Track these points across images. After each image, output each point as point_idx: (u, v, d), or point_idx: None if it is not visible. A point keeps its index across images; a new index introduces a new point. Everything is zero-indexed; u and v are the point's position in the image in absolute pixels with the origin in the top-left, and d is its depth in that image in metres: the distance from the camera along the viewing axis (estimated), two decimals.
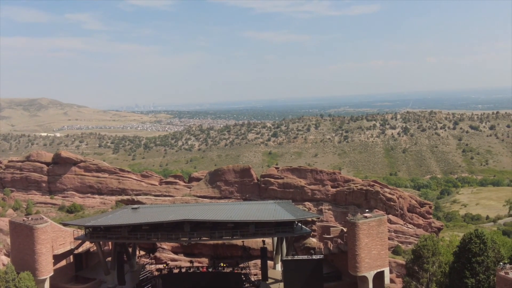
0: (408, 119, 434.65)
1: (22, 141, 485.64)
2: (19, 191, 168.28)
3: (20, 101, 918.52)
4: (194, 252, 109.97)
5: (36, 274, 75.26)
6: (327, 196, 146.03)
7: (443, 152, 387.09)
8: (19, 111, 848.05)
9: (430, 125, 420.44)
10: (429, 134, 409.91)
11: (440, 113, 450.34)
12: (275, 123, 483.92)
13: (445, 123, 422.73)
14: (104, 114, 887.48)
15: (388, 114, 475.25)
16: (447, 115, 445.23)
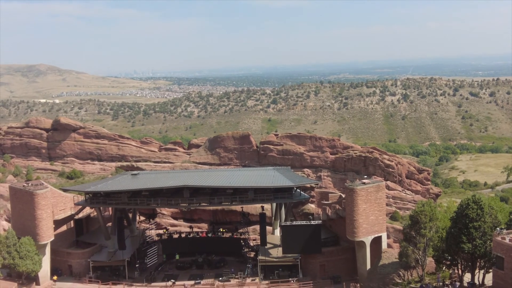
0: (408, 86, 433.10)
1: (21, 107, 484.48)
2: (19, 157, 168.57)
3: (18, 67, 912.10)
4: (193, 218, 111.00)
5: (37, 239, 76.05)
6: (326, 163, 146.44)
7: (442, 119, 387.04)
8: (18, 77, 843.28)
9: (430, 92, 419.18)
10: (429, 101, 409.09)
11: (440, 80, 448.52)
12: (274, 90, 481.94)
13: (445, 90, 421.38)
14: (103, 81, 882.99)
15: (388, 80, 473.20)
16: (447, 82, 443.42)
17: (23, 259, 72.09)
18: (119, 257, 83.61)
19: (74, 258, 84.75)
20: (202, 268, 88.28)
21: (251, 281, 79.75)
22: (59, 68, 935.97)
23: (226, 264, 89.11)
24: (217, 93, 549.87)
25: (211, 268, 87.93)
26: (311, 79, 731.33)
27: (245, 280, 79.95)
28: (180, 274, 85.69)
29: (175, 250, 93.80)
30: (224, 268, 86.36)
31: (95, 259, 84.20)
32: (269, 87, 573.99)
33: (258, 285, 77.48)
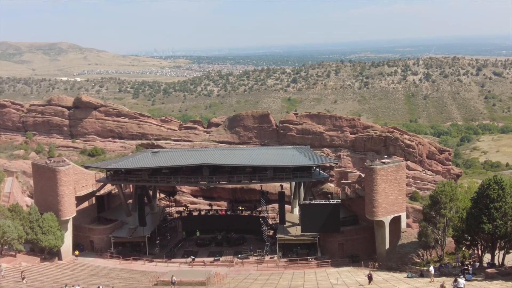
0: (431, 65, 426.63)
1: (43, 85, 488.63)
2: (41, 135, 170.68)
3: (40, 45, 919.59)
4: (213, 196, 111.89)
5: (59, 215, 77.32)
6: (345, 142, 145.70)
7: (464, 99, 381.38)
8: (40, 55, 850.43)
9: (452, 71, 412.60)
10: (451, 81, 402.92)
11: (463, 59, 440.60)
12: (294, 69, 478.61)
13: (468, 69, 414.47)
14: (124, 59, 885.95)
15: (410, 59, 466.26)
16: (470, 61, 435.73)
17: (46, 235, 73.33)
18: (140, 234, 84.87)
19: (96, 234, 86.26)
20: (221, 245, 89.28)
21: (269, 259, 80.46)
22: (80, 46, 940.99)
23: (245, 241, 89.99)
24: (236, 72, 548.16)
25: (230, 245, 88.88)
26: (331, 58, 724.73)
27: (263, 257, 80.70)
28: (199, 251, 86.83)
29: (194, 228, 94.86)
30: (243, 246, 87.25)
31: (116, 235, 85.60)
32: (289, 66, 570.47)
33: (277, 263, 78.10)
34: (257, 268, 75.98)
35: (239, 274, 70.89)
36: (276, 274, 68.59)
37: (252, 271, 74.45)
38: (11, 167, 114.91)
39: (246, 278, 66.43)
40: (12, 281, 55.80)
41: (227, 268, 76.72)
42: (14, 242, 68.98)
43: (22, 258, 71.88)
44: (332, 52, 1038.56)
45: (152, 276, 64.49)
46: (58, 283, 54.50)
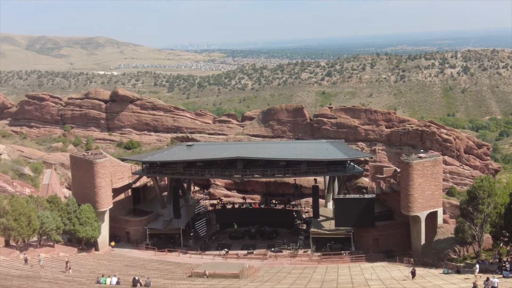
0: (469, 58, 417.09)
1: (80, 79, 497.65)
2: (79, 128, 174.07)
3: (78, 39, 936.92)
4: (246, 189, 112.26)
5: (96, 206, 78.66)
6: (381, 137, 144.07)
7: (504, 92, 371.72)
8: (77, 50, 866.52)
9: (491, 64, 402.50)
10: (490, 74, 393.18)
11: (502, 52, 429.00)
12: (329, 62, 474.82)
13: (507, 62, 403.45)
14: (159, 53, 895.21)
15: (448, 52, 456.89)
16: (510, 54, 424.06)
17: (83, 226, 74.79)
18: (175, 226, 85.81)
19: (132, 226, 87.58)
20: (255, 238, 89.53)
21: (303, 253, 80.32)
22: (117, 40, 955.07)
23: (278, 235, 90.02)
24: (271, 65, 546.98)
25: (264, 239, 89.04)
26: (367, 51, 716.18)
27: (297, 251, 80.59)
28: (233, 243, 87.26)
29: (228, 220, 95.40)
30: (277, 239, 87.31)
31: (152, 227, 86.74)
32: (324, 60, 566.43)
33: (310, 257, 77.89)
34: (290, 262, 75.94)
35: (273, 268, 70.95)
36: (309, 268, 68.39)
37: (286, 264, 74.44)
38: (49, 159, 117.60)
39: (280, 271, 66.45)
40: (56, 270, 57.14)
41: (261, 261, 76.92)
42: (52, 232, 70.61)
43: (60, 248, 73.52)
44: (368, 45, 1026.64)
45: (187, 268, 65.13)
46: (95, 273, 55.55)
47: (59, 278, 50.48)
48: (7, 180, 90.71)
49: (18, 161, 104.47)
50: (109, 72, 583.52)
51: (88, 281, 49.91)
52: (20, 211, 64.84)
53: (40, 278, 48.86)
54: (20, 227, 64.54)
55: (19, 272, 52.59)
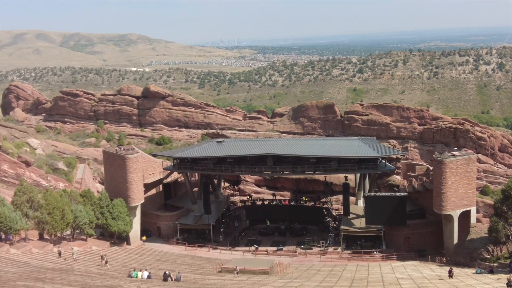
0: (504, 54, 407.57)
1: (113, 75, 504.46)
2: (112, 123, 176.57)
3: (111, 36, 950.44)
4: (276, 186, 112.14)
5: (128, 201, 79.55)
6: (413, 134, 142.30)
7: None
8: (110, 47, 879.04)
9: None
10: None
11: None
12: (361, 58, 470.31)
13: None
14: (190, 50, 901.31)
15: (482, 49, 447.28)
16: None
17: (115, 220, 75.77)
18: (205, 221, 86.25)
19: (163, 221, 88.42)
20: (285, 235, 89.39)
21: (333, 250, 79.82)
22: (149, 37, 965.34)
23: (308, 232, 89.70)
24: (301, 62, 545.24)
25: (293, 235, 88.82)
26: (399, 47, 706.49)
27: (327, 249, 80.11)
28: (262, 240, 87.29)
29: (258, 217, 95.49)
30: (306, 236, 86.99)
31: (182, 222, 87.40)
32: (355, 56, 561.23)
33: (340, 255, 77.40)
34: (320, 259, 75.62)
35: (302, 265, 70.76)
36: (339, 266, 67.99)
37: (315, 262, 74.15)
38: (83, 154, 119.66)
39: (309, 268, 66.24)
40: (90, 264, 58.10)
41: (290, 258, 76.79)
42: (85, 226, 71.77)
43: (93, 242, 74.68)
44: (400, 41, 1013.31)
45: (217, 263, 65.48)
46: (127, 267, 56.25)
47: (91, 272, 51.29)
48: (42, 175, 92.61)
49: (53, 156, 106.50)
50: (141, 68, 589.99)
51: (120, 275, 50.59)
52: (54, 205, 66.01)
53: (73, 271, 49.71)
54: (54, 221, 65.72)
55: (53, 265, 53.61)
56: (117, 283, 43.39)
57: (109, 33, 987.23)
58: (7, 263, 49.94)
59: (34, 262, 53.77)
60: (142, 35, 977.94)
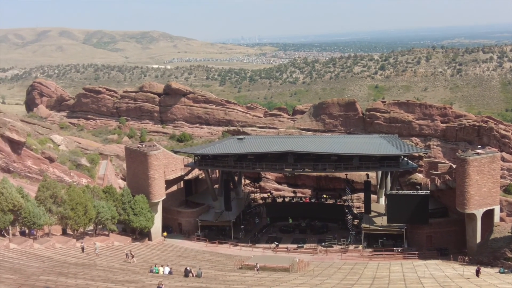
0: None
1: (135, 72, 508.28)
2: (133, 120, 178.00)
3: (133, 33, 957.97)
4: (297, 183, 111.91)
5: (150, 197, 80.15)
6: (436, 132, 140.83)
7: None
8: (132, 44, 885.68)
9: None
10: None
11: None
12: (382, 55, 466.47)
13: None
14: (211, 47, 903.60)
15: (507, 45, 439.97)
16: None
17: (137, 216, 76.45)
18: (226, 218, 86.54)
19: (184, 217, 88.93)
20: (305, 232, 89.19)
21: (354, 248, 79.44)
22: (170, 35, 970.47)
23: (329, 230, 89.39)
24: (323, 59, 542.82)
25: (314, 233, 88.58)
26: (422, 44, 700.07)
27: (348, 247, 79.75)
28: (283, 237, 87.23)
29: (278, 214, 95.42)
30: (327, 234, 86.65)
31: (203, 219, 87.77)
32: (377, 53, 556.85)
33: (361, 253, 77.01)
34: (341, 257, 75.31)
35: (323, 262, 70.55)
36: (360, 264, 67.64)
37: (336, 259, 73.87)
38: (105, 151, 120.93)
39: (330, 266, 66.02)
40: (111, 259, 58.74)
41: (311, 255, 76.60)
42: (107, 222, 72.55)
43: (115, 237, 75.46)
44: (423, 37, 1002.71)
45: (237, 260, 65.60)
46: (148, 263, 56.72)
47: (113, 267, 51.84)
48: (65, 171, 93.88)
49: (76, 152, 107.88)
50: (163, 65, 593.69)
51: (141, 270, 51.03)
52: (77, 200, 66.84)
53: (96, 266, 50.30)
54: (77, 216, 66.56)
55: (76, 260, 54.30)
56: (139, 279, 43.79)
57: (131, 31, 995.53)
58: (31, 258, 50.74)
59: (57, 257, 54.53)
60: (164, 32, 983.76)
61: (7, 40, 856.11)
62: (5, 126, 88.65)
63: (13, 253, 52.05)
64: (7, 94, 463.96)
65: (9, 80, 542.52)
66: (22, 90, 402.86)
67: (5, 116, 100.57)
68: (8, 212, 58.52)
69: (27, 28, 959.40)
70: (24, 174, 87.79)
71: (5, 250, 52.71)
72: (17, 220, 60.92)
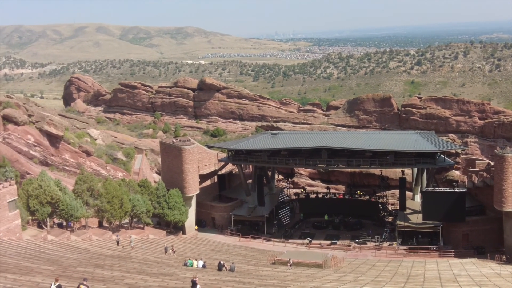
0: None
1: (170, 68, 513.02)
2: (168, 115, 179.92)
3: (168, 29, 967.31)
4: (331, 179, 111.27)
5: (184, 191, 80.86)
6: (473, 128, 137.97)
7: None
8: (167, 39, 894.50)
9: None
10: None
11: None
12: (419, 50, 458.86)
13: None
14: (245, 42, 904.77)
15: None
16: None
17: (171, 210, 77.27)
18: (259, 213, 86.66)
19: (217, 211, 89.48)
20: (338, 229, 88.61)
21: (388, 246, 78.58)
22: (205, 30, 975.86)
23: (362, 226, 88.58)
24: (357, 54, 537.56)
25: (347, 229, 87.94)
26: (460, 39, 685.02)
27: (382, 244, 78.93)
28: (316, 233, 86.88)
29: (312, 210, 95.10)
30: (361, 231, 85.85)
31: (236, 213, 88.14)
32: (414, 48, 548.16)
33: (396, 250, 76.13)
34: (375, 254, 74.60)
35: (356, 259, 70.04)
36: (395, 262, 66.86)
37: (370, 256, 73.23)
38: (141, 145, 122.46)
39: (364, 263, 65.48)
40: (147, 252, 59.56)
41: (344, 252, 76.12)
42: (142, 215, 73.58)
43: (150, 230, 76.44)
44: (461, 32, 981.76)
45: (270, 255, 65.64)
46: (182, 256, 57.29)
47: (148, 259, 52.52)
48: (102, 164, 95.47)
49: (112, 146, 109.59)
50: (197, 61, 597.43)
51: (175, 263, 51.55)
52: (113, 194, 67.97)
53: (131, 259, 51.03)
54: (113, 209, 67.71)
55: (111, 252, 55.21)
56: (173, 272, 44.24)
57: (166, 26, 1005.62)
58: (68, 250, 51.84)
59: (93, 249, 55.57)
60: (198, 28, 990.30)
61: (45, 36, 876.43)
62: (44, 120, 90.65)
63: (51, 244, 53.29)
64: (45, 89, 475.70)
65: (48, 75, 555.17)
66: (60, 85, 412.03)
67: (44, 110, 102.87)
68: (46, 204, 59.98)
69: (65, 24, 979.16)
70: (62, 167, 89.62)
71: (43, 241, 54.03)
72: (55, 213, 62.41)
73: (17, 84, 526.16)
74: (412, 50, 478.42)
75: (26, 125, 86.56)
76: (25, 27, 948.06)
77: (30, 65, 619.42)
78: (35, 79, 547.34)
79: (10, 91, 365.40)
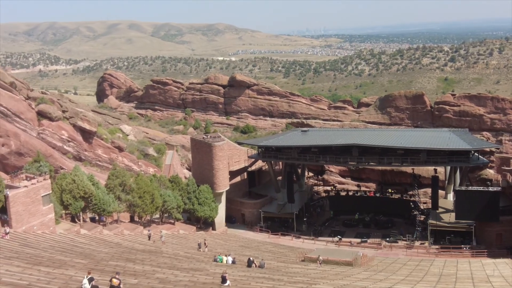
0: None
1: (201, 64, 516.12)
2: (199, 111, 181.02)
3: (199, 26, 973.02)
4: (361, 177, 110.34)
5: (214, 187, 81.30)
6: (508, 126, 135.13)
7: None
8: (198, 36, 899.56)
9: None
10: None
11: None
12: (453, 46, 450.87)
13: None
14: (276, 39, 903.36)
15: None
16: None
17: (202, 205, 77.78)
18: (288, 210, 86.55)
19: (247, 208, 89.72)
20: (369, 227, 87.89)
21: (419, 245, 77.56)
22: (235, 27, 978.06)
23: (393, 225, 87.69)
24: (390, 50, 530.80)
25: (378, 228, 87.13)
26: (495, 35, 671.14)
27: (413, 243, 77.95)
28: (346, 231, 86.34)
29: (342, 207, 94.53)
30: (392, 229, 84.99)
31: (266, 210, 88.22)
32: (447, 44, 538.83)
33: (428, 249, 75.07)
34: (406, 253, 73.75)
35: (387, 258, 69.29)
36: (426, 261, 65.92)
37: (401, 255, 72.38)
38: (171, 141, 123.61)
39: (394, 262, 64.77)
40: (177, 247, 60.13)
41: (375, 250, 75.44)
42: (173, 211, 74.29)
43: (180, 226, 77.17)
44: (496, 28, 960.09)
45: (299, 252, 65.53)
46: (212, 252, 57.64)
47: (179, 254, 52.99)
48: (133, 160, 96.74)
49: (143, 142, 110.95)
50: (228, 58, 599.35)
51: (205, 259, 51.90)
52: (144, 189, 68.81)
53: (162, 253, 51.58)
54: (144, 204, 68.54)
55: (143, 246, 55.89)
56: (203, 267, 44.55)
57: (198, 23, 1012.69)
58: (100, 244, 52.67)
59: (125, 243, 56.34)
60: (229, 24, 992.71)
61: (79, 33, 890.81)
62: (77, 116, 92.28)
63: (84, 238, 54.24)
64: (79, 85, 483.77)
65: (81, 71, 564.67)
66: (93, 81, 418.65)
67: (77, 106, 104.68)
68: (79, 199, 61.06)
69: (98, 21, 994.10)
70: (95, 162, 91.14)
71: (76, 235, 55.03)
72: (88, 207, 63.51)
73: (52, 80, 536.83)
74: (445, 46, 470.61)
75: (60, 121, 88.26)
76: (59, 24, 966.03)
77: (64, 62, 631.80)
78: (69, 76, 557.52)
79: (44, 87, 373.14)
